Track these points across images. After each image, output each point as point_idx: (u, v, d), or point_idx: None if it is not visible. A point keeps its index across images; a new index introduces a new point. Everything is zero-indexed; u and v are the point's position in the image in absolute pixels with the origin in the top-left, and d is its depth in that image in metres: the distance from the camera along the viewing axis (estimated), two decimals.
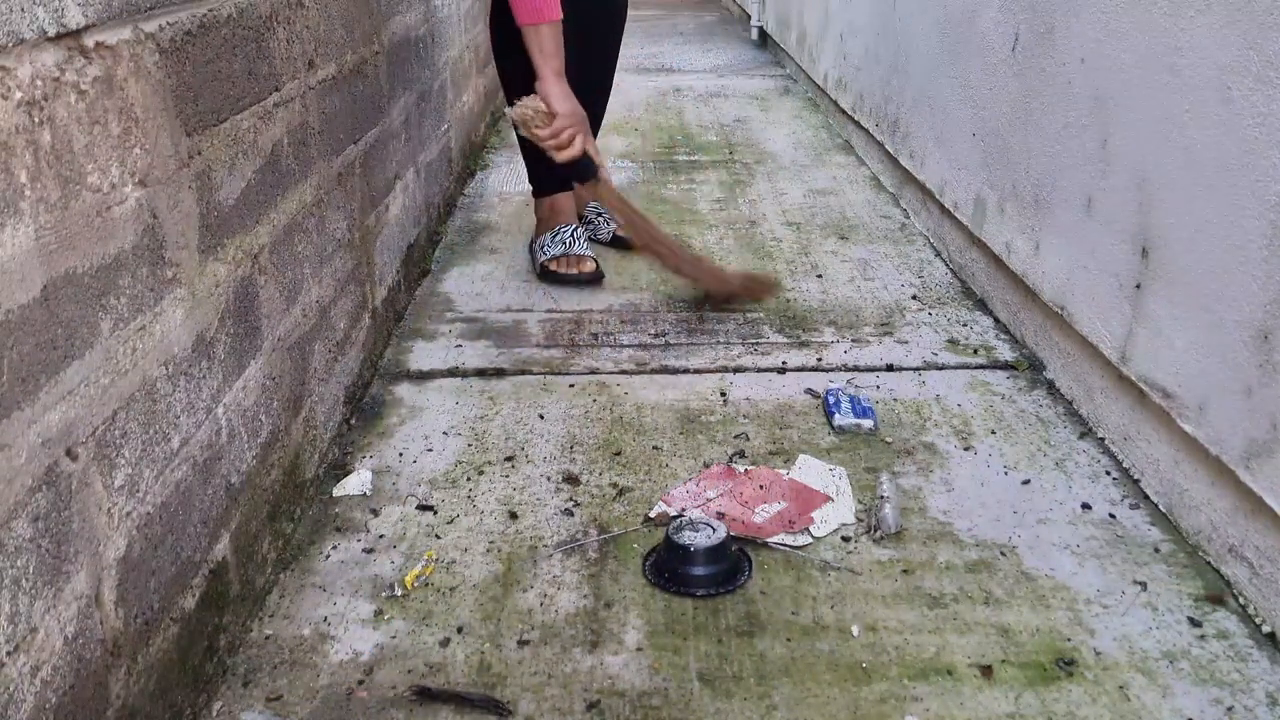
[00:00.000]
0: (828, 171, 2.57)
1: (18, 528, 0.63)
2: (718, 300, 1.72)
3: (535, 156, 1.84)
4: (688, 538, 1.06)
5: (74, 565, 0.70)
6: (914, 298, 1.78)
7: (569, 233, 1.87)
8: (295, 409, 1.15)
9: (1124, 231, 1.25)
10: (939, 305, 1.75)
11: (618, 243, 2.00)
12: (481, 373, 1.52)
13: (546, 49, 1.65)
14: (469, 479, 1.24)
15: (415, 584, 1.05)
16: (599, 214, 2.04)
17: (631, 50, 4.24)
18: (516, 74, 1.74)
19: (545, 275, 1.84)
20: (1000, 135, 1.65)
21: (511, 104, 1.69)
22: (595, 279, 1.83)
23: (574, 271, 1.82)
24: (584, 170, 1.69)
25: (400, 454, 1.30)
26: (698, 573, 1.04)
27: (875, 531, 1.12)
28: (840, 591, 1.04)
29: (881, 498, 1.15)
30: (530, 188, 1.97)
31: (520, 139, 1.82)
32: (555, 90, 1.65)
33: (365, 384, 1.46)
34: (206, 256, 0.91)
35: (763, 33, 4.50)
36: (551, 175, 1.88)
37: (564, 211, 1.92)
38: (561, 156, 1.66)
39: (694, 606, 1.02)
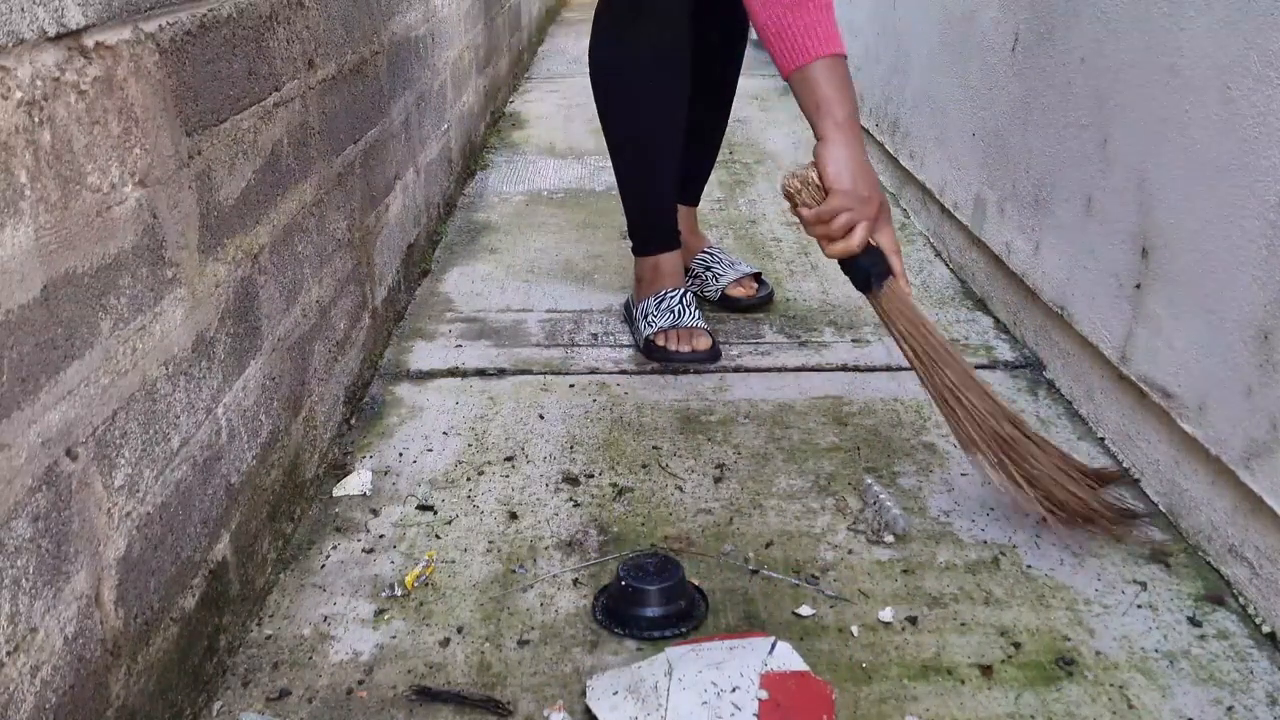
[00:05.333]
0: None
1: (18, 528, 0.63)
2: (1062, 520, 1.10)
3: (641, 206, 1.59)
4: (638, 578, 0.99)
5: (74, 565, 0.70)
6: (914, 298, 1.78)
7: (677, 299, 1.56)
8: (295, 409, 1.15)
9: (1124, 231, 1.25)
10: (939, 305, 1.75)
11: (727, 303, 1.71)
12: (481, 373, 1.52)
13: (819, 96, 1.18)
14: (469, 479, 1.24)
15: (415, 584, 1.05)
16: (707, 268, 1.73)
17: None
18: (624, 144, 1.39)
19: (652, 351, 1.54)
20: (1000, 135, 1.65)
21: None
22: (713, 356, 1.53)
23: (687, 349, 1.53)
24: (859, 275, 1.19)
25: (400, 454, 1.30)
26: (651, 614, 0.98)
27: (885, 532, 1.12)
28: (840, 591, 1.04)
29: (881, 502, 1.15)
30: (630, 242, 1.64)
31: (615, 180, 1.60)
32: (833, 154, 1.17)
33: (365, 384, 1.46)
34: (206, 256, 0.91)
35: None
36: (655, 231, 1.59)
37: (670, 273, 1.59)
38: (831, 251, 1.18)
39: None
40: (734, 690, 0.87)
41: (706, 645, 0.94)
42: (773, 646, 0.92)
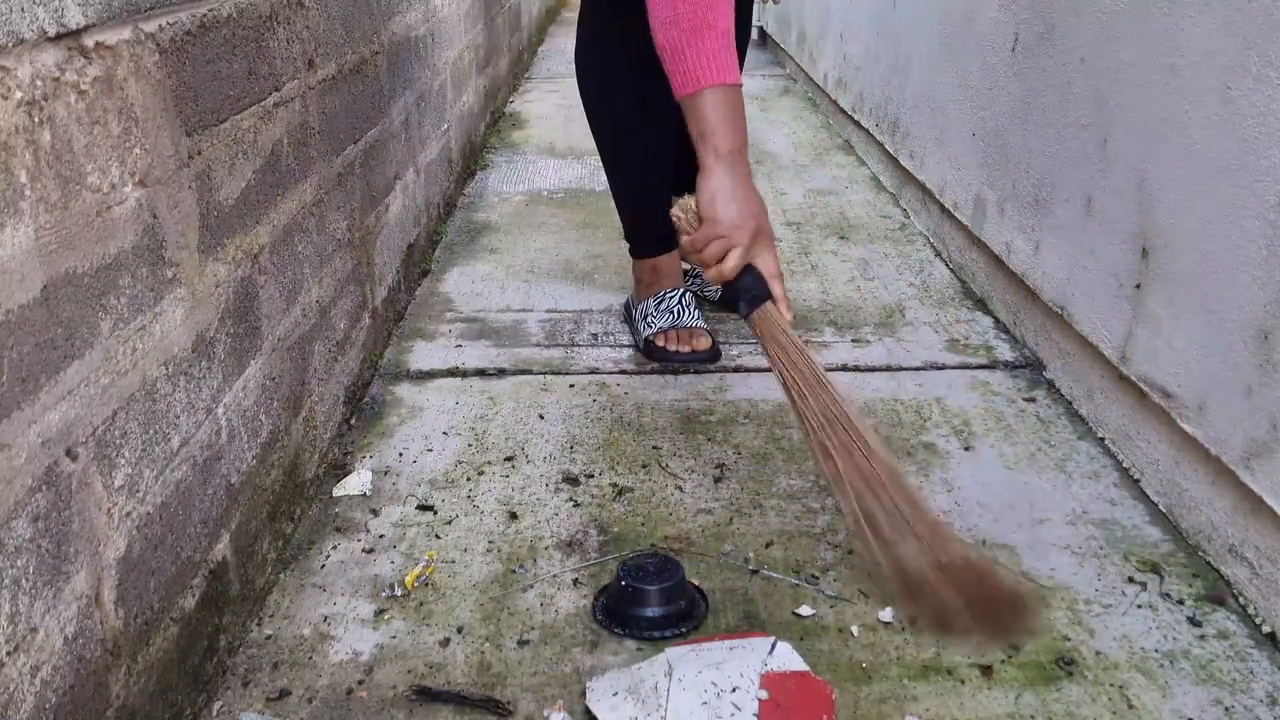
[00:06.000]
0: (827, 171, 2.57)
1: (18, 528, 0.63)
2: (931, 619, 0.91)
3: (634, 209, 1.60)
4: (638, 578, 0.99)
5: (74, 565, 0.70)
6: (914, 298, 1.78)
7: (676, 299, 1.57)
8: (295, 409, 1.15)
9: (1124, 231, 1.25)
10: (939, 305, 1.75)
11: (728, 303, 1.70)
12: (481, 373, 1.52)
13: (705, 126, 1.15)
14: (469, 479, 1.24)
15: (415, 584, 1.05)
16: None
17: None
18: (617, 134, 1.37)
19: (652, 352, 1.55)
20: (1000, 135, 1.65)
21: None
22: (713, 356, 1.54)
23: (687, 349, 1.54)
24: (739, 296, 1.16)
25: (400, 454, 1.30)
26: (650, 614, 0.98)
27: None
28: (840, 591, 1.04)
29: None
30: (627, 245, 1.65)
31: (613, 190, 1.61)
32: (711, 184, 1.15)
33: (365, 384, 1.46)
34: (206, 256, 0.91)
35: (762, 33, 4.50)
36: (651, 233, 1.59)
37: (668, 274, 1.60)
38: (707, 276, 1.16)
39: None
40: (734, 690, 0.87)
41: (706, 645, 0.94)
42: (773, 646, 0.92)
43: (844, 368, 1.52)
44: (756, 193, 1.17)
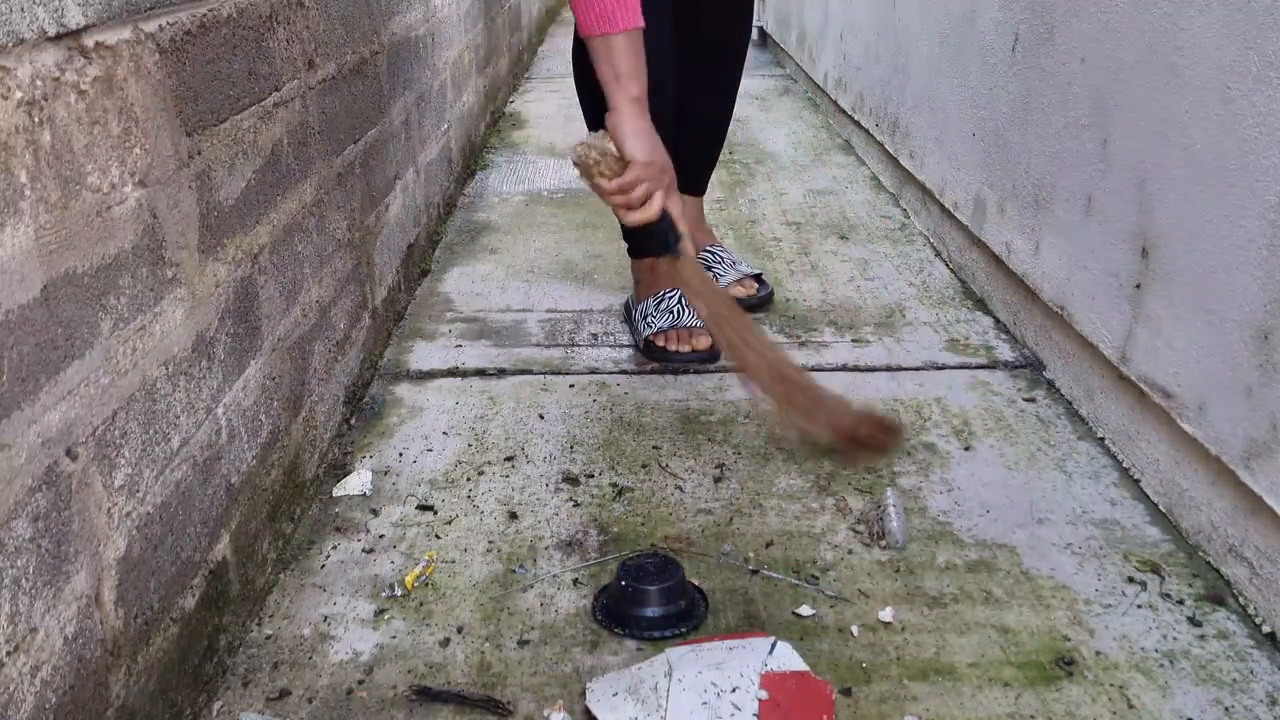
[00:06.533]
0: (827, 171, 2.57)
1: (18, 528, 0.63)
2: (844, 452, 1.19)
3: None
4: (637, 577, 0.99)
5: (74, 565, 0.70)
6: (914, 298, 1.78)
7: (676, 299, 1.56)
8: (295, 409, 1.15)
9: (1124, 231, 1.25)
10: (939, 305, 1.75)
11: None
12: (481, 373, 1.52)
13: (621, 68, 1.21)
14: (469, 479, 1.24)
15: (415, 584, 1.05)
16: (708, 267, 1.72)
17: None
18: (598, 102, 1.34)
19: (651, 351, 1.55)
20: (1000, 135, 1.65)
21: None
22: (713, 356, 1.53)
23: (687, 349, 1.53)
24: (658, 241, 1.23)
25: (400, 454, 1.30)
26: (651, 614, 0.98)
27: (880, 540, 1.11)
28: (840, 591, 1.04)
29: (889, 506, 1.14)
30: (626, 246, 1.64)
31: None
32: (630, 127, 1.20)
33: (365, 384, 1.46)
34: (206, 256, 0.91)
35: (763, 33, 4.50)
36: (649, 235, 1.60)
37: (666, 274, 1.57)
38: (630, 219, 1.21)
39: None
40: (734, 691, 0.87)
41: (706, 645, 0.94)
42: (773, 647, 0.92)
43: (844, 368, 1.52)
44: (659, 137, 1.24)
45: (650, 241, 1.25)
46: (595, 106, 1.51)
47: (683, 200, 1.69)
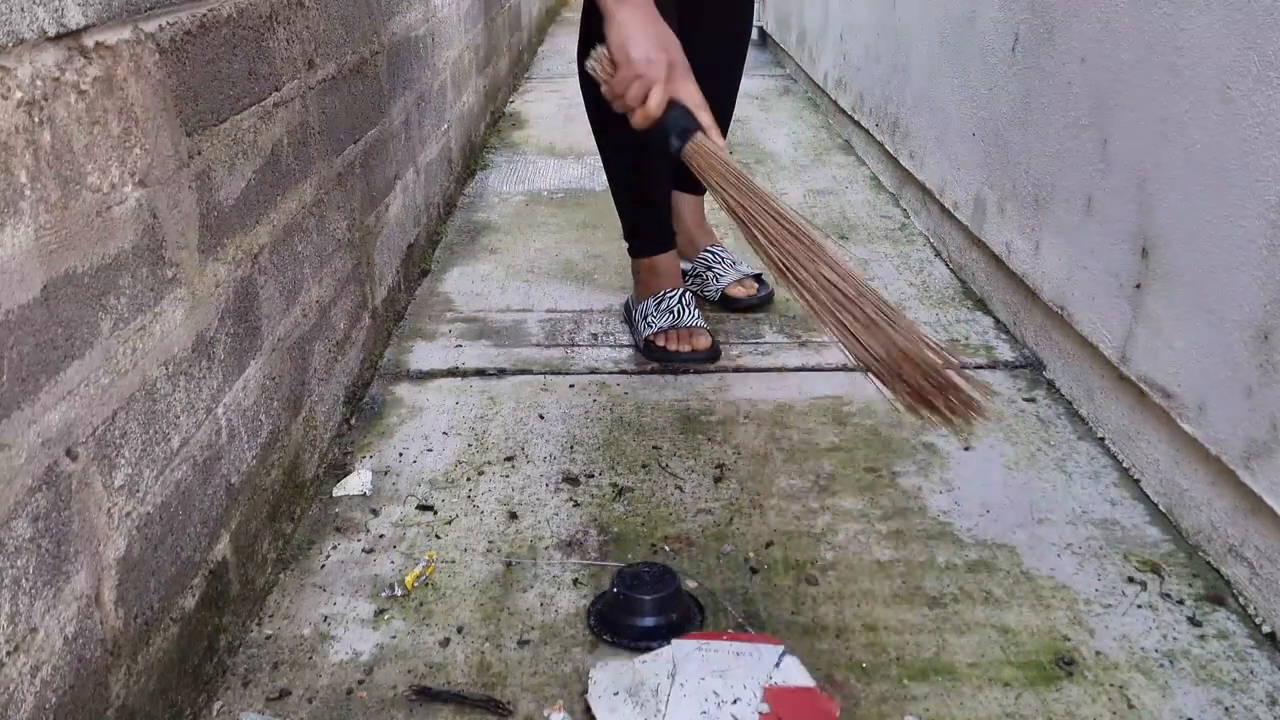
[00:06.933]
0: (828, 171, 2.57)
1: (18, 528, 0.63)
2: (903, 390, 0.99)
3: (634, 208, 1.60)
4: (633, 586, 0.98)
5: (74, 565, 0.70)
6: (914, 298, 1.78)
7: (676, 298, 1.56)
8: (295, 409, 1.15)
9: (1124, 231, 1.25)
10: (939, 305, 1.75)
11: (727, 303, 1.71)
12: (481, 373, 1.52)
13: None
14: (469, 479, 1.24)
15: (415, 584, 1.05)
16: (709, 267, 1.74)
17: None
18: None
19: (652, 351, 1.54)
20: (1000, 135, 1.65)
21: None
22: (713, 356, 1.53)
23: (687, 349, 1.53)
24: (669, 131, 1.15)
25: (400, 454, 1.30)
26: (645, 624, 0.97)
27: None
28: (840, 591, 1.04)
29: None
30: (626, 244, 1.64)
31: (612, 189, 1.61)
32: (619, 30, 1.16)
33: (365, 384, 1.46)
34: (206, 256, 0.91)
35: (762, 33, 4.50)
36: (650, 233, 1.60)
37: (667, 274, 1.60)
38: (636, 121, 1.17)
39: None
40: (735, 702, 0.87)
41: (713, 644, 0.93)
42: (780, 659, 0.91)
43: (844, 368, 1.52)
44: (666, 27, 1.18)
45: (657, 140, 1.16)
46: (615, 138, 1.53)
47: (683, 198, 1.72)
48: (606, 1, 1.17)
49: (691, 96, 1.16)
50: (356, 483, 1.22)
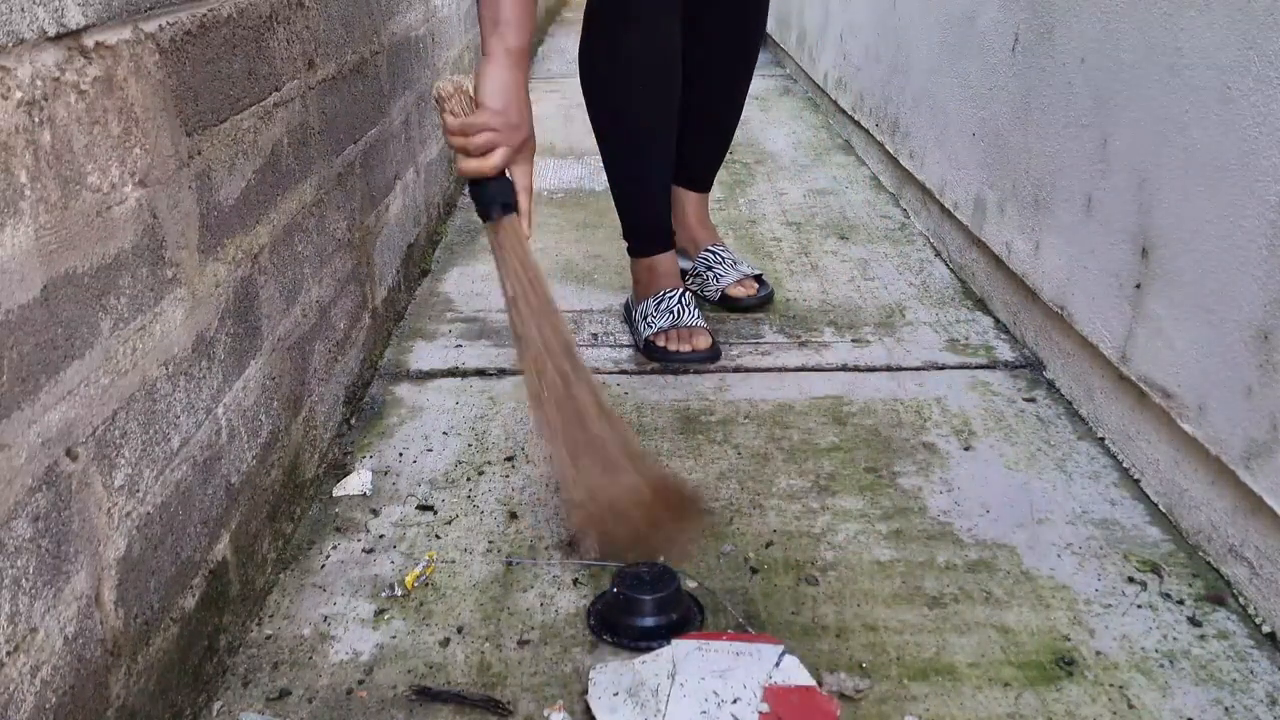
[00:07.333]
0: (827, 171, 2.57)
1: (18, 528, 0.63)
2: (583, 529, 1.09)
3: (634, 208, 1.60)
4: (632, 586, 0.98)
5: (74, 565, 0.70)
6: (914, 298, 1.78)
7: (676, 299, 1.56)
8: (295, 409, 1.15)
9: (1124, 231, 1.25)
10: (939, 305, 1.75)
11: (727, 302, 1.71)
12: (481, 373, 1.52)
13: (502, 15, 1.17)
14: (469, 479, 1.24)
15: (415, 584, 1.05)
16: (709, 267, 1.73)
17: None
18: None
19: (652, 352, 1.54)
20: (1000, 135, 1.65)
21: None
22: (713, 356, 1.53)
23: (687, 349, 1.52)
24: (491, 199, 1.16)
25: (400, 454, 1.30)
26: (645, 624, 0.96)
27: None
28: (840, 591, 1.04)
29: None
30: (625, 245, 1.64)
31: (612, 189, 1.60)
32: (494, 75, 1.16)
33: (365, 384, 1.46)
34: (206, 256, 0.91)
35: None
36: (649, 233, 1.60)
37: (667, 274, 1.60)
38: (464, 166, 1.16)
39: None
40: (735, 702, 0.87)
41: (714, 644, 0.93)
42: (780, 658, 0.92)
43: (844, 367, 1.52)
44: (530, 101, 1.19)
45: (477, 201, 1.18)
46: (615, 137, 1.53)
47: (686, 196, 1.72)
48: (494, 45, 1.17)
49: (524, 178, 1.18)
50: (356, 483, 1.22)
